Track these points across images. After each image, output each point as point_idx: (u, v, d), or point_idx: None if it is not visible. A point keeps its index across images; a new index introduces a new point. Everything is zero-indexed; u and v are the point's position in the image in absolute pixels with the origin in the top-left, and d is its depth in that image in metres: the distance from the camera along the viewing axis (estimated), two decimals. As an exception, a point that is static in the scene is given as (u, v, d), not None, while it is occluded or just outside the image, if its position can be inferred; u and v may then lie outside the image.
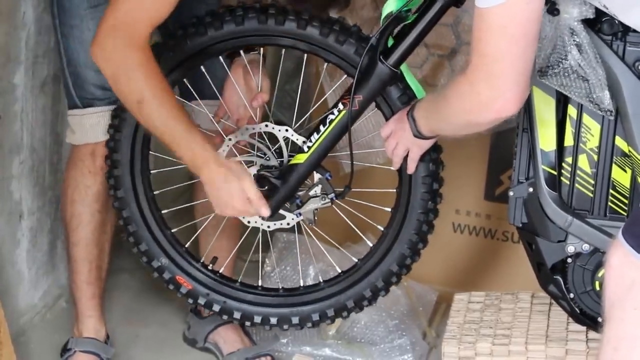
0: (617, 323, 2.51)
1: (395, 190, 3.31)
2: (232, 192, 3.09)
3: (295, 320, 3.38)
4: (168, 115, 3.00)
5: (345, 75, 3.29)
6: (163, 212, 3.44)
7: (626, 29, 2.82)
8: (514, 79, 2.50)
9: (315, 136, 3.14)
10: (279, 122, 3.33)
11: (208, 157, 3.06)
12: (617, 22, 2.81)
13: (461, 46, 3.69)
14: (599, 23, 2.84)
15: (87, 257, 3.39)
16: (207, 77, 3.32)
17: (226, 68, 3.39)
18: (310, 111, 3.33)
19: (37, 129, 3.52)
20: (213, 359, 3.65)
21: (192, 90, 3.34)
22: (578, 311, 2.98)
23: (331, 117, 3.12)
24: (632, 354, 2.49)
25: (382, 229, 3.35)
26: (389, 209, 3.32)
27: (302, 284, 3.49)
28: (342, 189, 3.25)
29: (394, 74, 3.05)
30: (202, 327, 3.70)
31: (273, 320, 3.39)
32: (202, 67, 3.34)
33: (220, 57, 3.38)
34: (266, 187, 3.18)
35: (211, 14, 3.29)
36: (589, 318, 2.96)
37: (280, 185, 3.19)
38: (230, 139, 3.28)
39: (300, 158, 3.17)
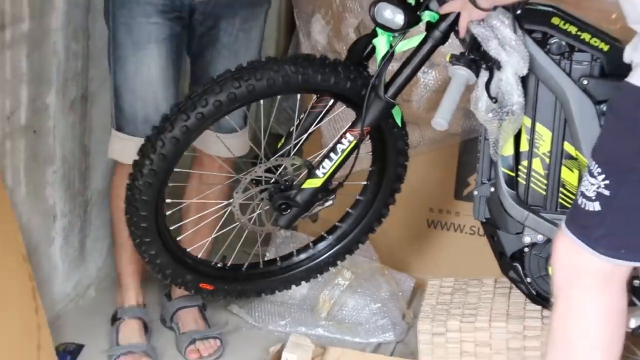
0: (565, 302, 2.63)
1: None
2: None
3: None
4: None
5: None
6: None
7: (572, 49, 2.90)
8: None
9: (328, 163, 3.11)
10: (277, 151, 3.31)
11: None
12: (564, 43, 2.90)
13: (433, 66, 3.66)
14: (548, 44, 2.91)
15: (128, 243, 3.37)
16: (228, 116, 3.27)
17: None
18: (310, 131, 3.26)
19: (67, 142, 3.53)
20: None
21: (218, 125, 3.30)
22: (534, 293, 3.07)
23: (342, 147, 3.10)
24: (579, 328, 2.62)
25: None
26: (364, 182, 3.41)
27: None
28: (335, 187, 3.28)
29: (393, 105, 3.09)
30: (168, 309, 3.77)
31: (283, 286, 3.48)
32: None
33: None
34: (284, 206, 3.19)
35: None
36: (543, 299, 3.03)
37: (297, 206, 3.18)
38: (245, 177, 3.24)
39: (316, 183, 3.16)
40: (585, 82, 2.88)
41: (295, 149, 3.26)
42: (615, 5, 2.62)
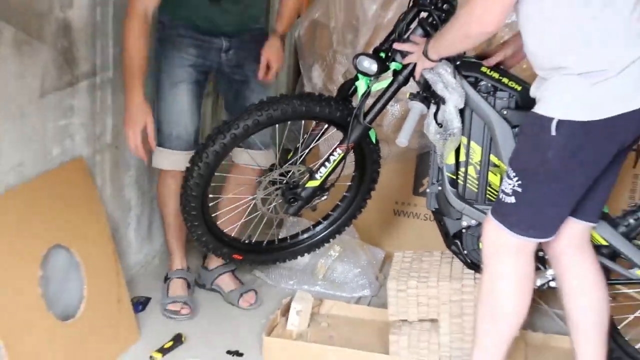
0: (491, 267, 2.68)
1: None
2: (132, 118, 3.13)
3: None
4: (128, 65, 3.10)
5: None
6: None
7: (495, 89, 2.88)
8: (499, 6, 2.37)
9: (323, 169, 3.14)
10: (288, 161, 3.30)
11: (131, 96, 3.13)
12: (489, 85, 2.89)
13: (398, 101, 3.61)
14: (478, 86, 2.89)
15: (174, 223, 3.49)
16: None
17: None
18: (311, 147, 3.30)
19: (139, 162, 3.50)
20: (218, 295, 3.63)
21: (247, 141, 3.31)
22: (469, 261, 3.07)
23: (333, 157, 3.11)
24: (501, 285, 2.67)
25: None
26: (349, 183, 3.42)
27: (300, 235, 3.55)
28: (329, 186, 3.26)
29: (369, 128, 3.10)
30: (208, 277, 3.70)
31: (292, 256, 3.53)
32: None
33: None
34: (292, 200, 3.21)
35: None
36: (476, 265, 3.02)
37: (302, 200, 3.20)
38: (265, 179, 3.26)
39: (315, 183, 3.18)
40: (504, 112, 2.86)
41: (301, 159, 3.25)
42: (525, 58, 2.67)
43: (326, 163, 3.15)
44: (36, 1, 2.68)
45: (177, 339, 3.19)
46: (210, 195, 3.27)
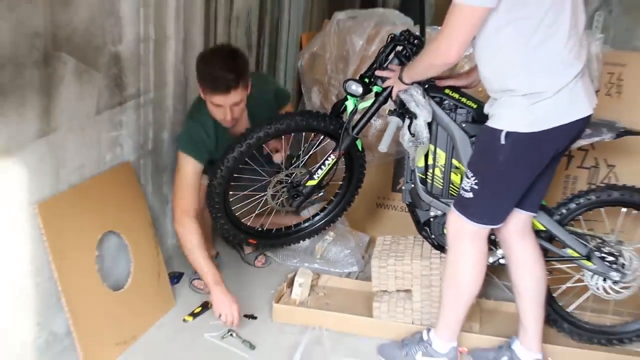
0: (454, 248, 2.70)
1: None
2: (220, 304, 2.99)
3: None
4: (196, 262, 3.08)
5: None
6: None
7: (456, 107, 2.88)
8: (460, 42, 2.37)
9: (320, 171, 3.16)
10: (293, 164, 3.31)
11: (212, 285, 3.04)
12: (452, 103, 2.89)
13: (379, 116, 3.55)
14: (443, 104, 2.89)
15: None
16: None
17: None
18: (310, 153, 3.30)
19: (173, 159, 3.35)
20: (237, 273, 3.55)
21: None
22: (436, 244, 3.08)
23: (328, 162, 3.14)
24: (461, 262, 2.69)
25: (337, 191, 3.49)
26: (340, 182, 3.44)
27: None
28: (324, 185, 3.27)
29: (357, 138, 3.13)
30: (249, 257, 3.67)
31: (296, 241, 3.55)
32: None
33: None
34: (295, 196, 3.23)
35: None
36: (441, 247, 3.03)
37: (303, 196, 3.22)
38: (274, 178, 3.28)
39: (313, 182, 3.19)
40: (464, 125, 2.87)
41: (302, 163, 3.27)
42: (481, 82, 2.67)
43: (322, 166, 3.17)
44: (93, 38, 2.68)
45: (205, 306, 3.19)
46: (231, 192, 3.26)
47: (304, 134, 3.37)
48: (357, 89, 3.00)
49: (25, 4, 2.24)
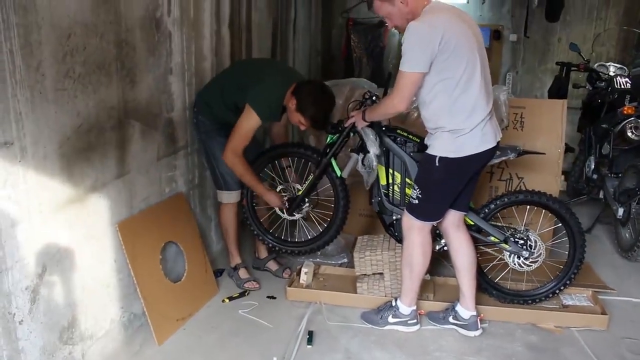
0: (407, 239, 2.72)
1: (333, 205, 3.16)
2: (272, 200, 3.04)
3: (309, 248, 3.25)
4: (249, 180, 2.97)
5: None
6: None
7: (406, 141, 2.87)
8: (407, 97, 2.37)
9: (304, 185, 3.10)
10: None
11: (263, 191, 3.02)
12: (402, 139, 2.86)
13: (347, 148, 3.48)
14: (396, 139, 2.88)
15: (232, 234, 3.25)
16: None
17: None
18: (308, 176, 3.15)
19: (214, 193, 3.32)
20: (268, 274, 3.39)
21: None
22: (399, 239, 2.99)
23: (311, 177, 3.06)
24: (412, 249, 2.70)
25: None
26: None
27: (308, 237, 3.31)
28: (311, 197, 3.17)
29: (331, 162, 3.02)
30: (262, 262, 3.44)
31: (300, 251, 3.27)
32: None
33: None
34: (289, 201, 3.12)
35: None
36: (402, 241, 2.94)
37: (293, 205, 3.12)
38: (281, 190, 3.18)
39: (300, 193, 3.10)
40: (411, 154, 2.85)
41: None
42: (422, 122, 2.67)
43: (306, 181, 3.11)
44: (153, 108, 2.73)
45: (242, 294, 3.16)
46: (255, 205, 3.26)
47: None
48: (332, 129, 2.98)
49: (105, 87, 2.33)
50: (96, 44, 2.22)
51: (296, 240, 3.40)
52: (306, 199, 3.15)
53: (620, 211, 3.77)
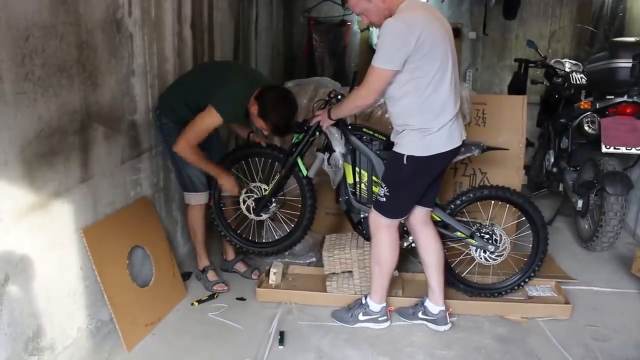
0: (375, 237, 2.73)
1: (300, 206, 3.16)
2: (226, 183, 3.02)
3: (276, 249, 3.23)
4: (204, 164, 2.91)
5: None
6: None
7: (372, 139, 2.86)
8: (376, 91, 2.38)
9: (270, 185, 3.10)
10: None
11: (219, 172, 2.99)
12: (368, 137, 2.87)
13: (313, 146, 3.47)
14: (362, 138, 2.89)
15: (200, 237, 3.23)
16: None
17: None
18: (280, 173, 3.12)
19: (181, 194, 3.29)
20: (237, 275, 3.36)
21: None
22: (367, 236, 2.99)
23: (277, 177, 3.05)
24: (381, 246, 2.71)
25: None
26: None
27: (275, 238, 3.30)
28: (278, 198, 3.15)
29: (297, 162, 3.03)
30: (229, 264, 3.41)
31: (268, 252, 3.25)
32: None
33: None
34: (256, 201, 3.11)
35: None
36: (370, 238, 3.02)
37: (260, 205, 3.11)
38: (245, 188, 3.14)
39: (266, 192, 3.10)
40: (378, 152, 2.88)
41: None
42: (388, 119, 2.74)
43: (272, 181, 3.11)
44: (116, 111, 2.69)
45: (211, 297, 3.14)
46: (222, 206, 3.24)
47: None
48: (298, 129, 2.98)
49: (66, 91, 2.28)
50: (56, 46, 2.18)
51: (264, 240, 3.38)
52: (273, 199, 3.14)
53: (580, 203, 3.88)
